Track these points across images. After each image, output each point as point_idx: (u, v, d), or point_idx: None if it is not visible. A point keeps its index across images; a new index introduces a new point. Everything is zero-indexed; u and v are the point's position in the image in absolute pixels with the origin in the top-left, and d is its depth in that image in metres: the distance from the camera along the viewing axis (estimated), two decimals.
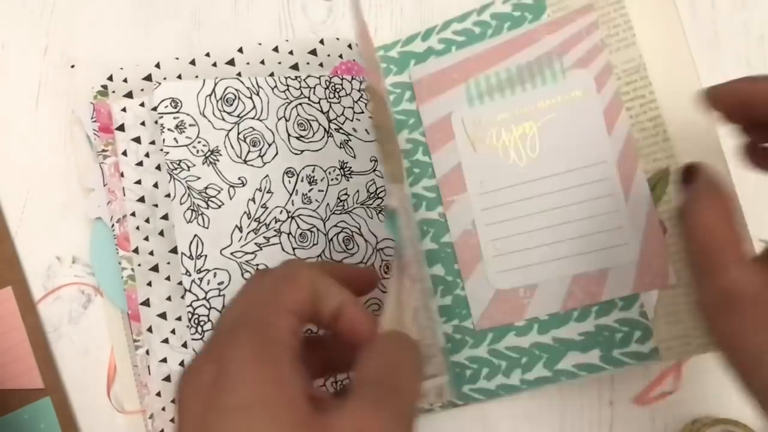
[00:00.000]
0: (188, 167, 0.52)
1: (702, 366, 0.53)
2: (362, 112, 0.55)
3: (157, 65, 0.55)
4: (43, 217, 0.58)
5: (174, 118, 0.53)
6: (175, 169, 0.52)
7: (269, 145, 0.53)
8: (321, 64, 0.55)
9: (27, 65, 0.61)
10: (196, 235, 0.52)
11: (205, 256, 0.52)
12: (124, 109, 0.54)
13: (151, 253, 0.53)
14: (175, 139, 0.53)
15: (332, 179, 0.53)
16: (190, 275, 0.51)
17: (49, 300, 0.57)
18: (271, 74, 0.55)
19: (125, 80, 0.55)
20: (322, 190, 0.53)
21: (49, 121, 0.60)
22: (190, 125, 0.53)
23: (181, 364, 0.52)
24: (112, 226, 0.54)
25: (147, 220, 0.53)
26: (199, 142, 0.53)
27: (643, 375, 0.54)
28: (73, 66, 0.59)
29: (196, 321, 0.51)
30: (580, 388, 0.54)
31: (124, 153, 0.54)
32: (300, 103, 0.54)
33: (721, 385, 0.52)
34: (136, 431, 0.54)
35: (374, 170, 0.54)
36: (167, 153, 0.52)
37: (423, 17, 0.59)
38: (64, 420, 0.55)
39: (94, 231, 0.56)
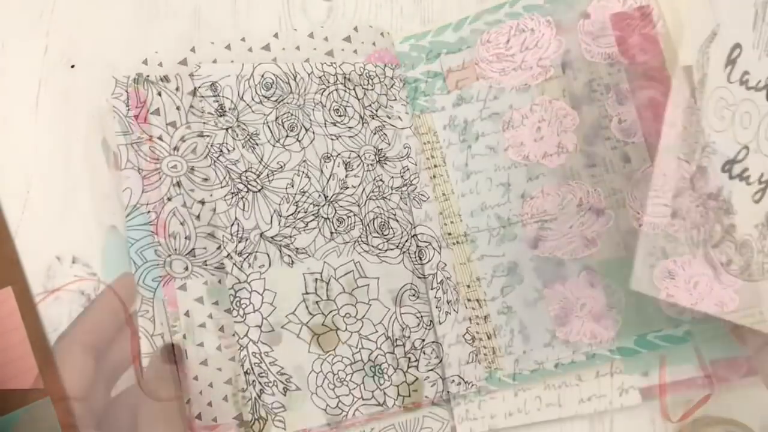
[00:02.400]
0: (228, 150, 0.53)
1: None
2: (395, 99, 0.56)
3: (192, 49, 0.55)
4: (43, 217, 0.58)
5: (214, 101, 0.54)
6: (216, 152, 0.53)
7: (306, 130, 0.55)
8: (355, 51, 0.57)
9: (27, 65, 0.60)
10: (236, 219, 0.53)
11: (246, 239, 0.53)
12: (159, 93, 0.54)
13: (188, 238, 0.53)
14: (215, 123, 0.53)
15: (368, 165, 0.55)
16: (231, 258, 0.52)
17: (49, 300, 0.57)
18: (307, 60, 0.56)
19: (160, 64, 0.55)
20: (358, 176, 0.54)
21: (49, 121, 0.59)
22: (229, 109, 0.54)
23: (218, 348, 0.52)
24: (149, 212, 0.54)
25: (183, 205, 0.53)
26: (238, 126, 0.54)
27: (642, 376, 0.54)
28: (73, 66, 0.60)
29: (237, 303, 0.52)
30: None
31: (160, 137, 0.54)
32: (336, 89, 0.55)
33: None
34: (172, 419, 0.54)
35: (408, 156, 0.55)
36: (208, 136, 0.53)
37: (423, 17, 0.60)
38: (64, 420, 0.55)
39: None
